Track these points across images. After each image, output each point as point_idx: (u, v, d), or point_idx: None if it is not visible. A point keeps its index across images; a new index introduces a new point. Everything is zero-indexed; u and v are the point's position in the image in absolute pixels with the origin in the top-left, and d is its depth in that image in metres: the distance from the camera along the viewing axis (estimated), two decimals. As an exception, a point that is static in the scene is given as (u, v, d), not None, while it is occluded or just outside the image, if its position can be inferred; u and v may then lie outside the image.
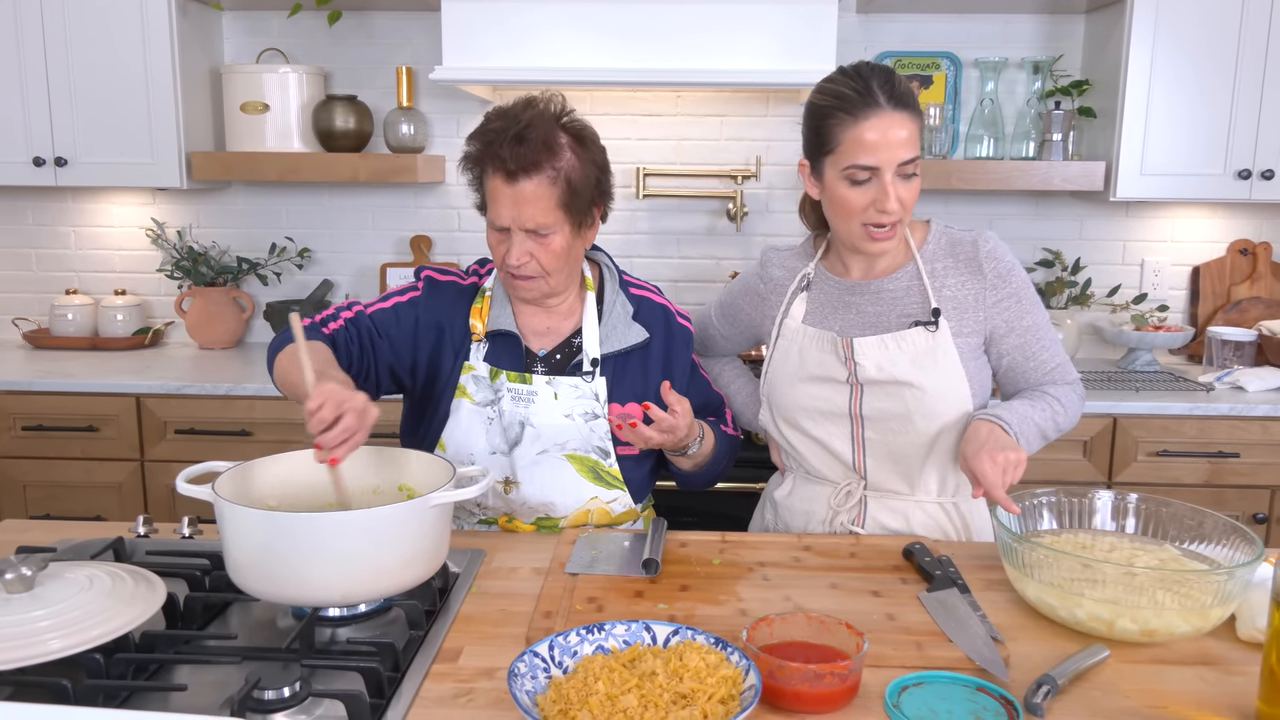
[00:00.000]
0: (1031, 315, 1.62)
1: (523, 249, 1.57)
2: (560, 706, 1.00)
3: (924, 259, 1.63)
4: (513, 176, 1.53)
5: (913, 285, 1.62)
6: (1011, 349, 1.63)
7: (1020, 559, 1.31)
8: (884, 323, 1.62)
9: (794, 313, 1.71)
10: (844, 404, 1.63)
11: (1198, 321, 3.17)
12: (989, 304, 1.60)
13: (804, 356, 1.66)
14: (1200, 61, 2.76)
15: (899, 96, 1.50)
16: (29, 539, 1.51)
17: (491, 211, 1.58)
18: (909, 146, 1.50)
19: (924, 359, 1.58)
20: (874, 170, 1.50)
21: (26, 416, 2.73)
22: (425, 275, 1.73)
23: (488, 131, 1.57)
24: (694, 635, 1.12)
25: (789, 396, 1.68)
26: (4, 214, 3.28)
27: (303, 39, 3.15)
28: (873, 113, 1.49)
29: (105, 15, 2.82)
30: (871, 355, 1.59)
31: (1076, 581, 1.25)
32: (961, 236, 1.64)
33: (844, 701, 1.08)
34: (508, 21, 2.67)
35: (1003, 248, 1.62)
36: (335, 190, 3.24)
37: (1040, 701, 1.07)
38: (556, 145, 1.54)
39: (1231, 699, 1.11)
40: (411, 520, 1.23)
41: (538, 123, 1.55)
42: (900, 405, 1.59)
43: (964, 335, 1.60)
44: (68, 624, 1.11)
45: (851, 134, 1.49)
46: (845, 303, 1.66)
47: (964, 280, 1.60)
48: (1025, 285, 1.62)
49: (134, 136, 2.89)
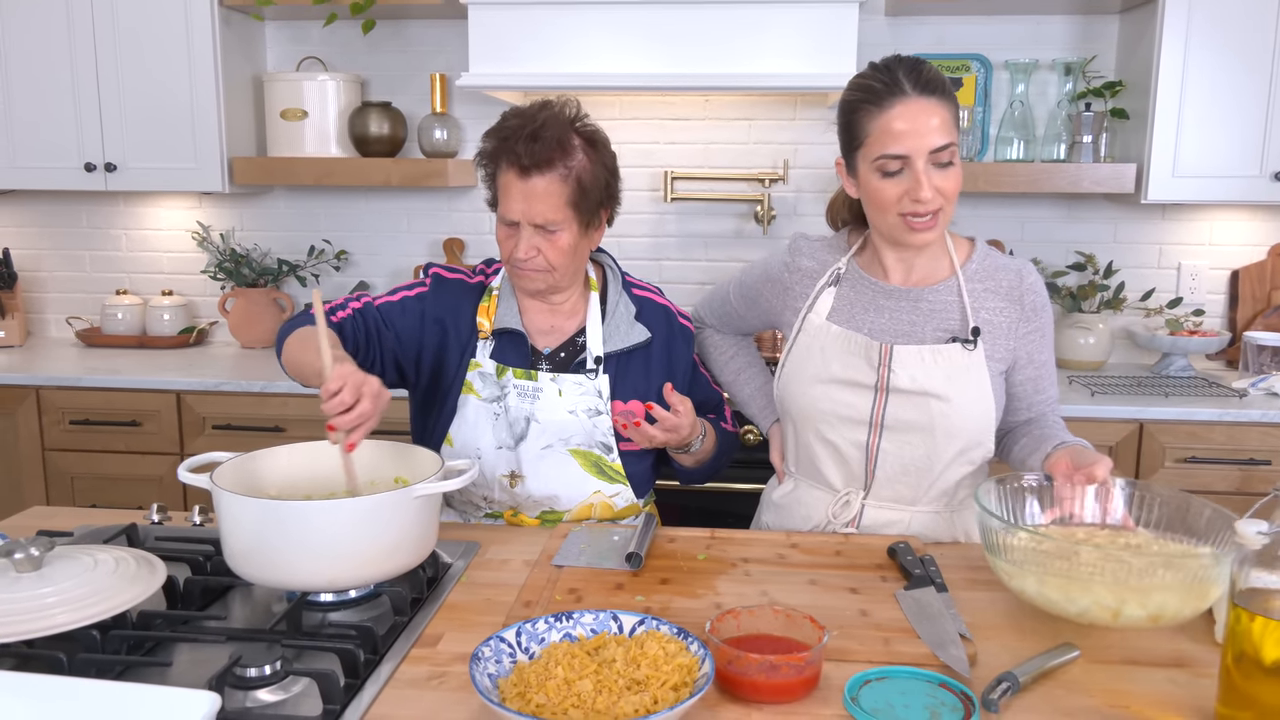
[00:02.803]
0: (1048, 350, 1.66)
1: (530, 244, 1.62)
2: (519, 689, 1.04)
3: (966, 277, 1.61)
4: (526, 172, 1.58)
5: (952, 301, 1.61)
6: (1025, 379, 1.65)
7: (1010, 554, 1.26)
8: (918, 332, 1.61)
9: (819, 308, 1.67)
10: (866, 410, 1.61)
11: (1236, 326, 3.11)
12: (1020, 334, 1.61)
13: (827, 357, 1.63)
14: (1234, 62, 2.71)
15: (926, 83, 1.48)
16: (52, 524, 1.59)
17: (503, 206, 1.63)
18: (941, 133, 1.47)
19: (958, 375, 1.58)
20: (905, 159, 1.48)
21: (75, 411, 2.86)
22: (433, 272, 1.78)
23: (504, 129, 1.62)
24: (658, 625, 1.15)
25: (806, 397, 1.66)
26: (61, 218, 3.44)
27: (341, 47, 3.25)
28: (898, 100, 1.47)
29: (152, 27, 2.94)
30: (909, 366, 1.58)
31: (1079, 569, 1.21)
32: (1006, 263, 1.64)
33: (802, 693, 1.10)
34: (535, 28, 2.73)
35: (1041, 282, 1.64)
36: (371, 194, 3.33)
37: (996, 698, 1.08)
38: (570, 145, 1.60)
39: (1197, 701, 1.11)
40: (396, 510, 1.28)
41: (552, 123, 1.60)
42: (925, 417, 1.58)
43: (994, 359, 1.61)
44: (73, 600, 1.18)
45: (879, 124, 1.48)
46: (878, 306, 1.63)
47: (1002, 307, 1.61)
48: (1051, 321, 1.66)
49: (179, 143, 3.00)
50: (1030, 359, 1.64)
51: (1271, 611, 0.98)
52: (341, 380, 1.34)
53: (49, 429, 2.87)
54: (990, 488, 1.41)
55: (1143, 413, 2.59)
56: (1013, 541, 1.27)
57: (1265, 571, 0.99)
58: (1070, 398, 2.66)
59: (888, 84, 1.49)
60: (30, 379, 2.86)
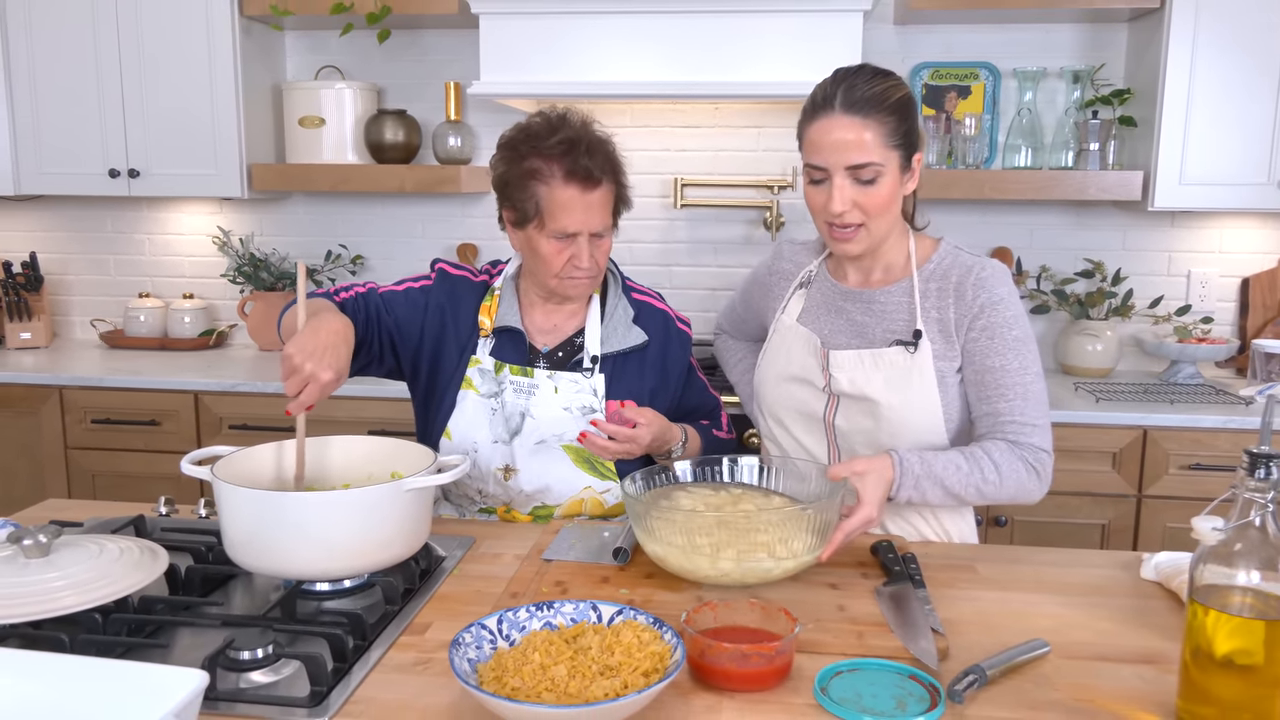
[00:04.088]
0: (1001, 358, 1.55)
1: (589, 252, 1.68)
2: (496, 674, 1.08)
3: (921, 277, 1.62)
4: (592, 184, 1.64)
5: (903, 302, 1.62)
6: (969, 383, 1.59)
7: (649, 524, 1.37)
8: (868, 335, 1.64)
9: (791, 309, 1.74)
10: (820, 411, 1.66)
11: (1247, 334, 3.10)
12: (963, 330, 1.58)
13: (790, 356, 1.70)
14: (1242, 70, 2.72)
15: (856, 101, 1.49)
16: (64, 515, 1.65)
17: (559, 221, 1.64)
18: (860, 151, 1.49)
19: (898, 380, 1.59)
20: (825, 171, 1.53)
21: (96, 410, 2.93)
22: (439, 267, 1.84)
23: (547, 146, 1.64)
24: (635, 615, 1.18)
25: (774, 393, 1.73)
26: (87, 222, 3.53)
27: (359, 56, 3.32)
28: (824, 115, 1.51)
29: (175, 38, 3.03)
30: (846, 369, 1.62)
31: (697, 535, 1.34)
32: (964, 260, 1.61)
33: (772, 682, 1.13)
34: (545, 37, 2.78)
35: (1000, 280, 1.57)
36: (386, 200, 3.39)
37: (962, 689, 1.10)
38: (611, 153, 1.68)
39: (1162, 696, 1.13)
40: (387, 502, 1.33)
41: (592, 135, 1.67)
42: (870, 421, 1.61)
43: (945, 359, 1.59)
44: (79, 584, 1.23)
45: (809, 134, 1.54)
46: (837, 308, 1.69)
47: (949, 303, 1.59)
48: (1006, 324, 1.55)
49: (200, 150, 3.08)
50: (972, 359, 1.57)
51: (1228, 606, 1.00)
52: (295, 347, 1.45)
53: (71, 428, 2.95)
54: (636, 477, 1.51)
55: (1147, 419, 2.60)
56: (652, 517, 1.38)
57: (1222, 567, 1.01)
58: (1075, 404, 2.67)
59: (824, 97, 1.53)
60: (54, 379, 2.94)
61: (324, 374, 1.44)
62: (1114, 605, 1.37)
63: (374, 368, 1.79)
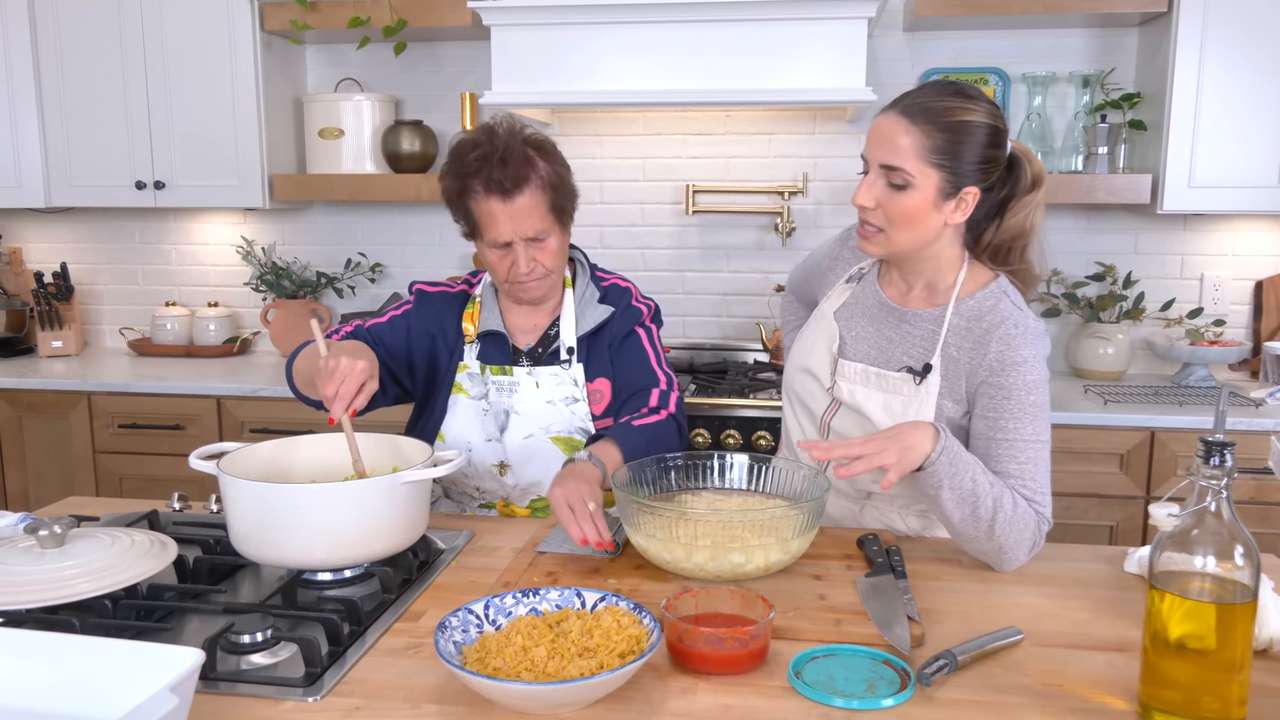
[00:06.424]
0: (1016, 422, 1.48)
1: (528, 257, 1.73)
2: (480, 655, 1.12)
3: (956, 310, 1.56)
4: (509, 194, 1.68)
5: (931, 330, 1.58)
6: (976, 435, 1.53)
7: (640, 524, 1.42)
8: (886, 353, 1.62)
9: (833, 299, 1.74)
10: (820, 409, 1.69)
11: (1260, 337, 3.09)
12: (975, 381, 1.53)
13: (813, 347, 1.70)
14: (1250, 73, 2.72)
15: (910, 106, 1.50)
16: (83, 511, 1.72)
17: (490, 232, 1.72)
18: (894, 153, 1.48)
19: (897, 406, 1.56)
20: (866, 163, 1.55)
21: (123, 415, 3.03)
22: (417, 289, 1.91)
23: (465, 163, 1.71)
24: (617, 601, 1.22)
25: (792, 376, 1.75)
26: (116, 234, 3.63)
27: (378, 68, 3.40)
28: (885, 111, 1.53)
29: (198, 53, 3.12)
30: (850, 379, 1.63)
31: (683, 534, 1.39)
32: (1004, 310, 1.53)
33: (747, 665, 1.17)
34: (556, 47, 2.83)
35: (1028, 342, 1.50)
36: (404, 209, 3.47)
37: (931, 673, 1.13)
38: (532, 158, 1.70)
39: (1129, 682, 1.15)
40: (384, 495, 1.38)
41: (511, 143, 1.70)
42: (860, 435, 1.58)
43: (949, 398, 1.55)
44: (92, 572, 1.30)
45: (871, 125, 1.56)
46: (871, 314, 1.66)
47: (969, 347, 1.53)
48: (1026, 388, 1.48)
49: (223, 161, 3.17)
50: (985, 415, 1.51)
51: (1187, 591, 1.03)
52: (334, 358, 1.50)
53: (99, 432, 3.04)
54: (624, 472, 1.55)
55: (1154, 421, 2.60)
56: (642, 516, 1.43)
57: (1179, 552, 1.03)
58: (1083, 405, 2.68)
59: (898, 97, 1.55)
60: (83, 385, 3.03)
61: (359, 362, 1.51)
62: (1093, 596, 1.39)
63: (381, 399, 1.79)
